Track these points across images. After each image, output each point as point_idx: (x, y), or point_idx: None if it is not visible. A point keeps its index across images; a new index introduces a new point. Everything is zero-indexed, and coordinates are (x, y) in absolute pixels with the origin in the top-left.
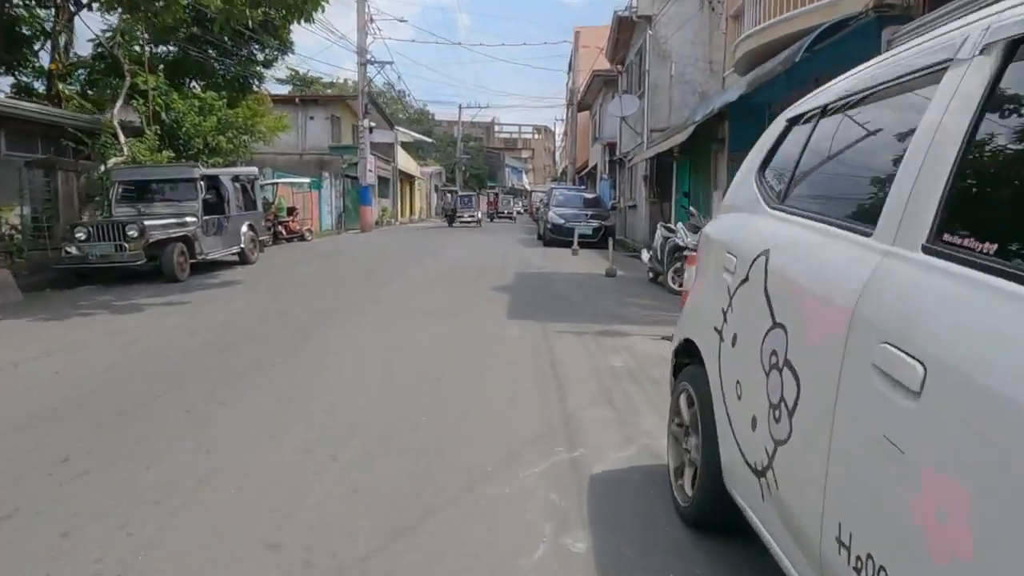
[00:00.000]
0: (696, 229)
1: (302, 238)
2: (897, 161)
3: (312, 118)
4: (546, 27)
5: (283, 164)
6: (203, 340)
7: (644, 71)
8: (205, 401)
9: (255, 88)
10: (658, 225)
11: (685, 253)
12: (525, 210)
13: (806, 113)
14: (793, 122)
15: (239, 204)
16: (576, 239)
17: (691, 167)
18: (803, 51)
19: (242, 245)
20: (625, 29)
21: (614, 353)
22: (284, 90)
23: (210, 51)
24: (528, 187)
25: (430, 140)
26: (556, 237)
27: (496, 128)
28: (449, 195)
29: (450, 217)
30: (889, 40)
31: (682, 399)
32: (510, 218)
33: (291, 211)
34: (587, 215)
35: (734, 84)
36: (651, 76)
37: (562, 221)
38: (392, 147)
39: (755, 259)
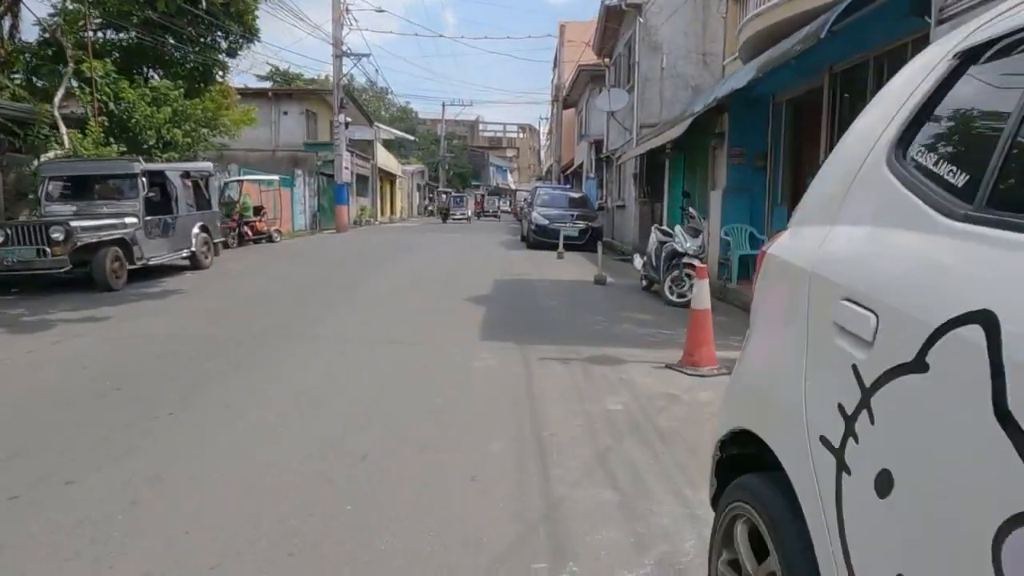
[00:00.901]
0: (696, 232)
1: (270, 239)
2: None
3: (286, 113)
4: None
5: (255, 161)
6: (89, 377)
7: (633, 63)
8: (29, 487)
9: (219, 79)
10: (652, 228)
11: (684, 260)
12: (510, 210)
13: (1005, 38)
14: (972, 58)
15: (190, 203)
16: (561, 241)
17: (686, 165)
18: (829, 26)
19: (193, 248)
20: (613, 18)
21: (610, 391)
22: (265, 87)
23: (169, 38)
24: (513, 186)
25: (412, 138)
26: (540, 239)
27: (481, 127)
28: (444, 196)
29: (444, 215)
30: (941, 9)
31: (739, 529)
32: (495, 216)
33: (258, 210)
34: (573, 216)
35: (737, 72)
36: (641, 68)
37: (547, 222)
38: (371, 144)
39: (946, 330)
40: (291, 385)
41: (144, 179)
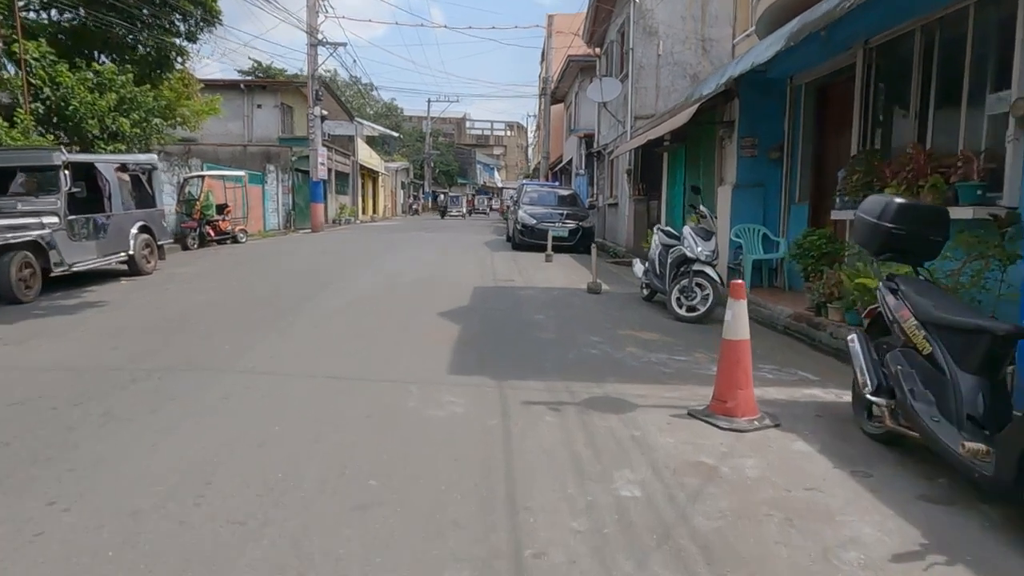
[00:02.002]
0: (708, 235)
1: (235, 240)
2: None
3: (260, 106)
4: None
5: (225, 156)
6: None
7: (627, 50)
8: None
9: (178, 65)
10: (654, 229)
11: (695, 267)
12: (495, 208)
13: None
14: None
15: (128, 200)
16: (550, 243)
17: (687, 158)
18: None
19: (131, 251)
20: (606, 0)
21: (619, 459)
22: (237, 79)
23: (118, 20)
24: (500, 184)
25: (396, 135)
26: (527, 240)
27: (468, 124)
28: (442, 196)
29: (442, 212)
30: None
31: None
32: (484, 214)
33: (222, 209)
34: (562, 215)
35: (756, 46)
36: (635, 55)
37: (534, 222)
38: (352, 140)
39: None
40: (158, 463)
41: (67, 172)
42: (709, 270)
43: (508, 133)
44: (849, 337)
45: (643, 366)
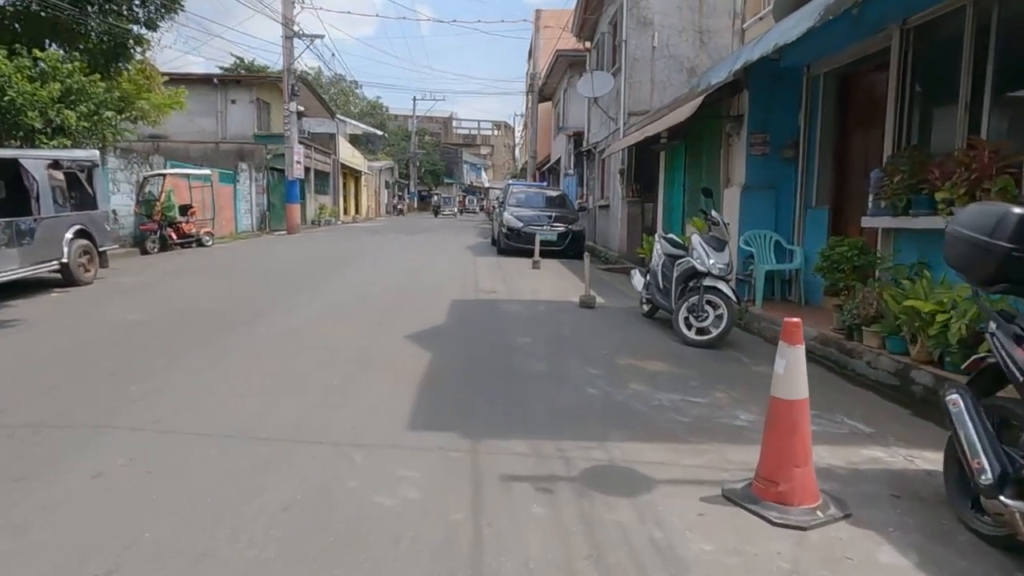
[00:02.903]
0: (721, 244)
1: (200, 243)
2: None
3: (234, 102)
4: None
5: (196, 153)
6: None
7: (620, 42)
8: None
9: (138, 55)
10: (656, 237)
11: (706, 282)
12: (481, 208)
13: None
14: None
15: (62, 201)
16: (537, 247)
17: (687, 157)
18: None
19: (64, 259)
20: None
21: None
22: (210, 73)
23: (66, 2)
24: (487, 184)
25: (380, 133)
26: (513, 244)
27: (455, 124)
28: (436, 196)
29: (436, 211)
30: None
31: None
32: (474, 212)
33: (185, 210)
34: (550, 217)
35: (779, 25)
36: (629, 47)
37: (520, 225)
38: (333, 138)
39: None
40: None
41: None
42: (723, 286)
43: (495, 133)
44: (950, 397)
45: (654, 412)
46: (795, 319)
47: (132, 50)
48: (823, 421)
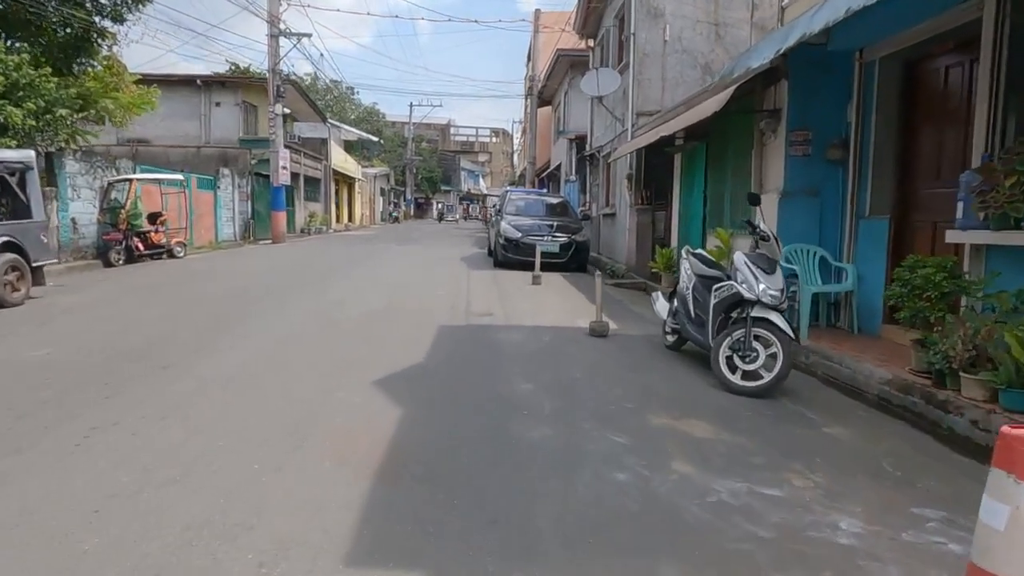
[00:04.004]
0: (772, 265)
1: (171, 254)
2: None
3: (218, 104)
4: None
5: (177, 158)
6: None
7: (628, 36)
8: None
9: (104, 50)
10: (683, 254)
11: (755, 313)
12: (479, 216)
13: None
14: None
15: None
16: (538, 260)
17: (709, 159)
18: None
19: None
20: None
21: None
22: (192, 74)
23: None
24: (484, 191)
25: (376, 139)
26: (511, 256)
27: (452, 131)
28: (440, 204)
29: (440, 217)
30: None
31: None
32: (476, 219)
33: (155, 218)
34: (552, 227)
35: (821, 7)
36: (638, 41)
37: (519, 235)
38: (325, 143)
39: None
40: None
41: None
42: (775, 317)
43: (493, 139)
44: None
45: (716, 519)
46: (1020, 430)
47: (96, 44)
48: (952, 527)
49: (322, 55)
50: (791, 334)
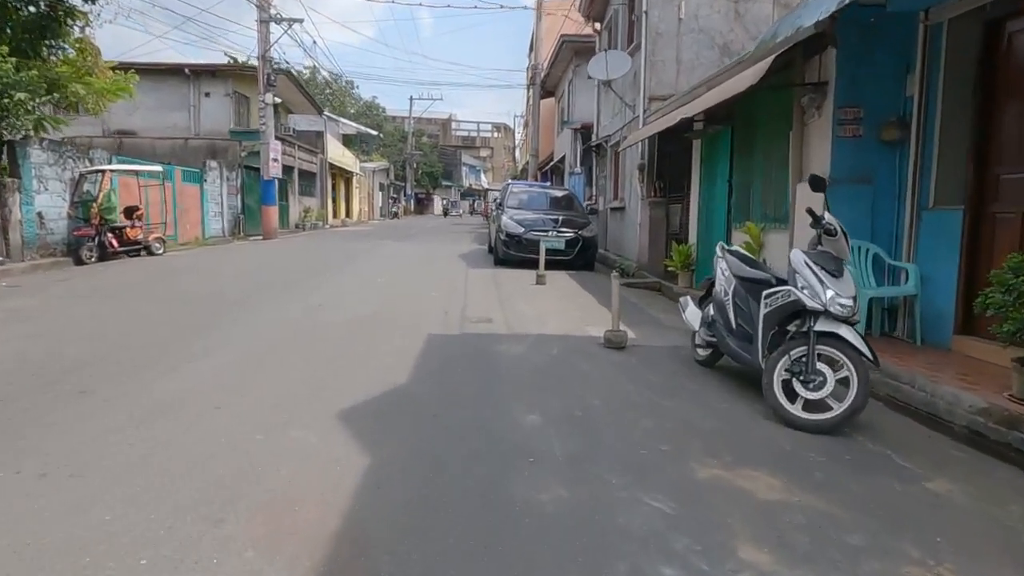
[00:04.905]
0: (839, 266)
1: (148, 251)
2: None
3: (208, 95)
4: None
5: (164, 150)
6: None
7: (639, 15)
8: None
9: (76, 32)
10: (718, 252)
11: (818, 326)
12: (479, 211)
13: None
14: None
15: None
16: (542, 257)
17: (735, 144)
18: None
19: None
20: None
21: None
22: (181, 63)
23: None
24: (486, 186)
25: (375, 133)
26: (512, 254)
27: (454, 125)
28: (445, 200)
29: (445, 212)
30: None
31: None
32: (480, 214)
33: (131, 212)
34: (556, 221)
35: None
36: (650, 20)
37: (521, 230)
38: (321, 136)
39: None
40: None
41: None
42: (847, 332)
43: (495, 134)
44: None
45: None
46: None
47: (66, 25)
48: None
49: (315, 42)
50: (868, 354)
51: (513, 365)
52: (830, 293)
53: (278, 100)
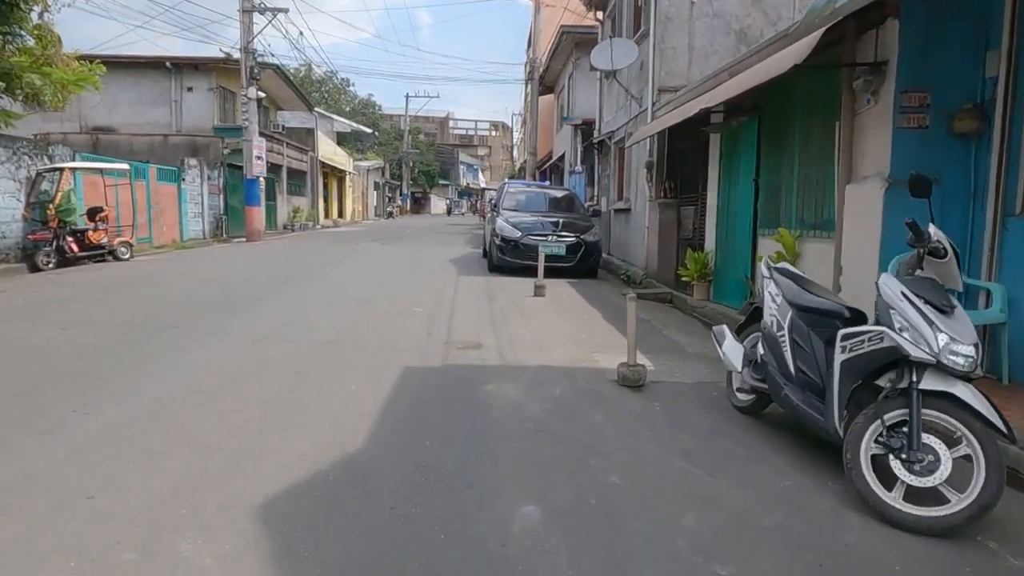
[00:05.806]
0: (948, 301)
1: (114, 255)
2: None
3: (190, 89)
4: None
5: (142, 147)
6: None
7: (642, 3)
8: None
9: (35, 18)
10: (762, 269)
11: (924, 383)
12: (475, 211)
13: None
14: None
15: None
16: (541, 264)
17: (762, 138)
18: None
19: None
20: None
21: None
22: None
23: None
24: (483, 186)
25: (370, 131)
26: (508, 260)
27: (451, 124)
28: (448, 200)
29: (448, 211)
30: None
31: None
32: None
33: (94, 214)
34: (557, 224)
35: None
36: (660, 4)
37: (518, 235)
38: (312, 134)
39: None
40: None
41: None
42: (965, 392)
43: (493, 133)
44: None
45: None
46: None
47: (21, 9)
48: None
49: (301, 33)
50: (998, 423)
51: (505, 417)
52: (943, 339)
53: (262, 95)
